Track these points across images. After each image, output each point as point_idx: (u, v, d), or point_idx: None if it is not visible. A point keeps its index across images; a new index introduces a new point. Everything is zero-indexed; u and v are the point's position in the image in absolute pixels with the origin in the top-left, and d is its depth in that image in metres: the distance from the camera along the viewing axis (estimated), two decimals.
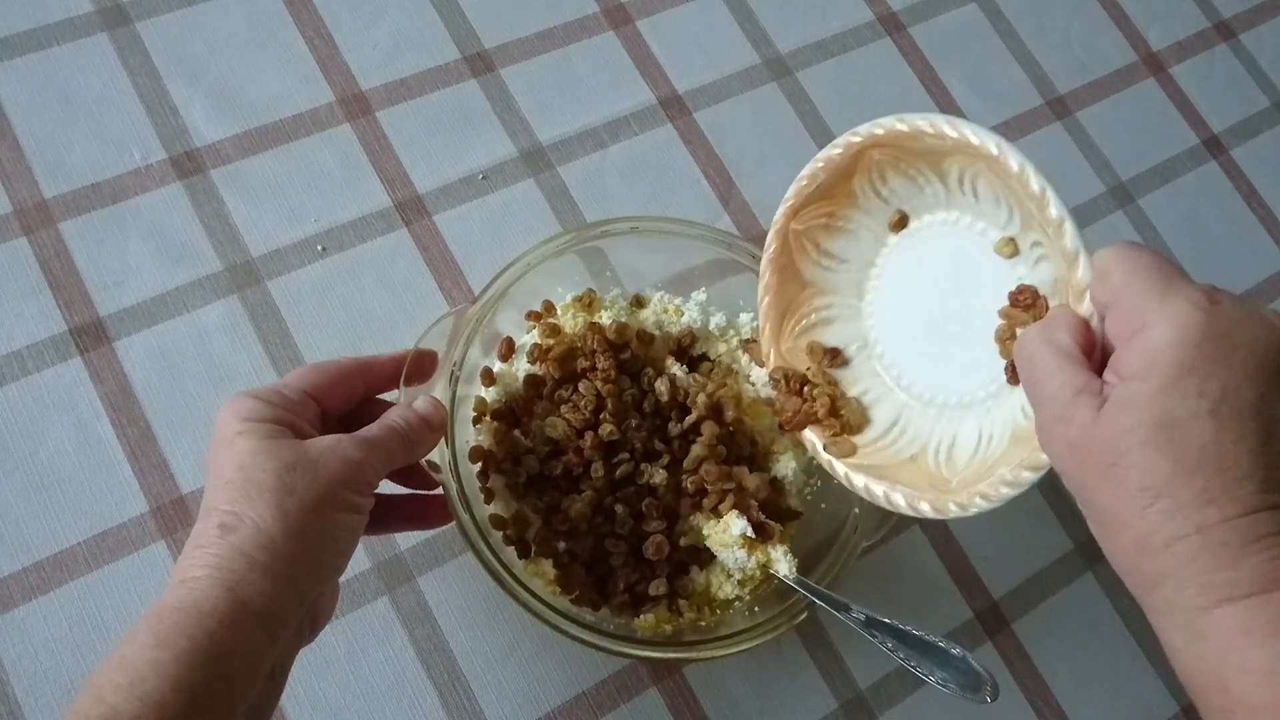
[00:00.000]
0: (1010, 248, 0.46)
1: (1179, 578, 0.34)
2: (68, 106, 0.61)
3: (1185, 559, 0.34)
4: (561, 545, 0.52)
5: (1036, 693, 0.60)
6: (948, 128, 0.44)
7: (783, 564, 0.52)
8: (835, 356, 0.53)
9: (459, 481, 0.51)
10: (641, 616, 0.53)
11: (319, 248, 0.62)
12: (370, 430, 0.45)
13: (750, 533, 0.52)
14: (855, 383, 0.52)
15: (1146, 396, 0.34)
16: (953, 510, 0.44)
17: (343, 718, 0.53)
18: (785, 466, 0.57)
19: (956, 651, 0.48)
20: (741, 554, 0.52)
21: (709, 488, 0.53)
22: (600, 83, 0.70)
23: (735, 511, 0.52)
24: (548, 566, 0.52)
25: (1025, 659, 0.61)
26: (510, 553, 0.53)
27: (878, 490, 0.48)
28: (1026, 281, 0.44)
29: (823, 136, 0.72)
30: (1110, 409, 0.35)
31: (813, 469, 0.59)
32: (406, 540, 0.56)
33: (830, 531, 0.55)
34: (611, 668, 0.56)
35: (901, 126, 0.46)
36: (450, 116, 0.67)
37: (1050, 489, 0.66)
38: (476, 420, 0.56)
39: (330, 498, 0.41)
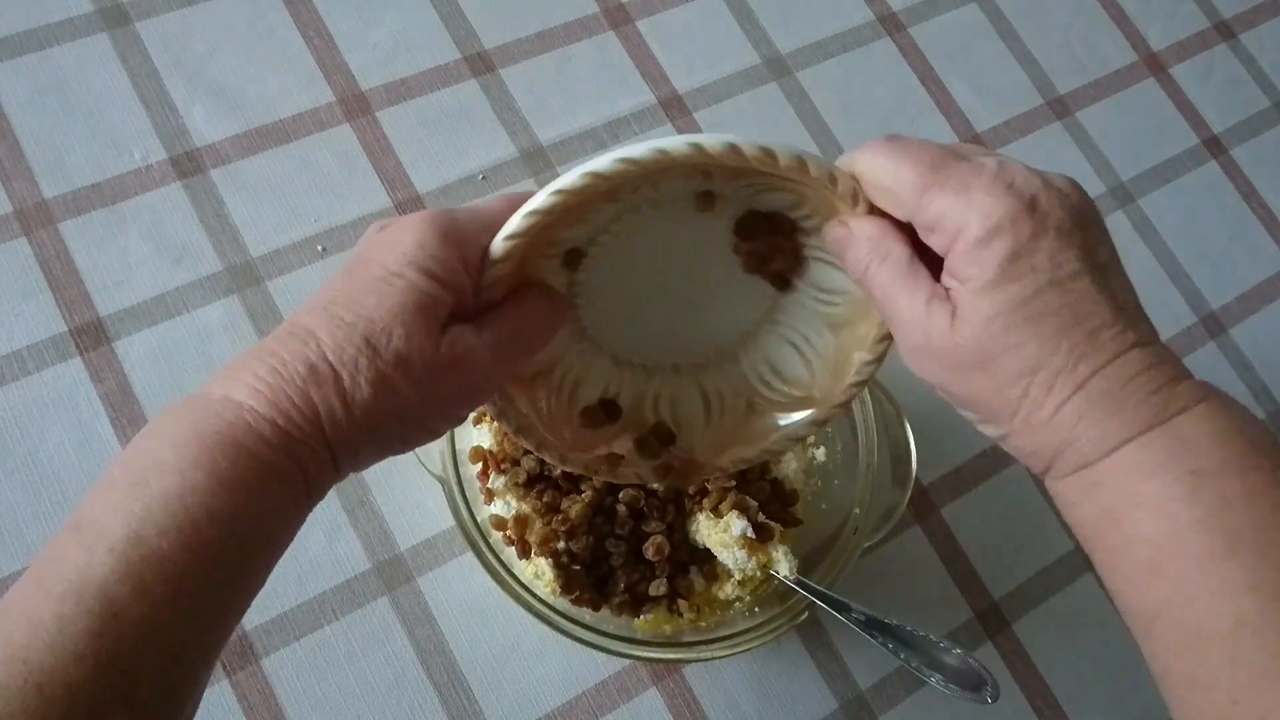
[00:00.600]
0: (705, 201, 0.41)
1: (1073, 442, 0.35)
2: (68, 106, 0.61)
3: (1074, 420, 0.35)
4: (561, 545, 0.52)
5: (1036, 693, 0.60)
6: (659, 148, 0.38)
7: (783, 564, 0.52)
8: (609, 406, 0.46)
9: (459, 482, 0.51)
10: (641, 616, 0.53)
11: (319, 248, 0.62)
12: (495, 326, 0.38)
13: (750, 533, 0.52)
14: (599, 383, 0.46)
15: (990, 289, 0.35)
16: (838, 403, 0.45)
17: (343, 718, 0.53)
18: (786, 467, 0.57)
19: (957, 651, 0.48)
20: (742, 554, 0.52)
21: (709, 487, 0.53)
22: (600, 83, 0.70)
23: (735, 511, 0.52)
24: (547, 566, 0.52)
25: (1025, 659, 0.61)
26: (510, 553, 0.53)
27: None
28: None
29: (823, 136, 0.72)
30: (963, 311, 0.36)
31: (813, 469, 0.59)
32: (406, 540, 0.56)
33: (830, 532, 0.55)
34: (611, 668, 0.56)
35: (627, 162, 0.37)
36: (450, 116, 0.67)
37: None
38: (477, 421, 0.56)
39: (449, 414, 0.38)
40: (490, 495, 0.54)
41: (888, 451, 0.56)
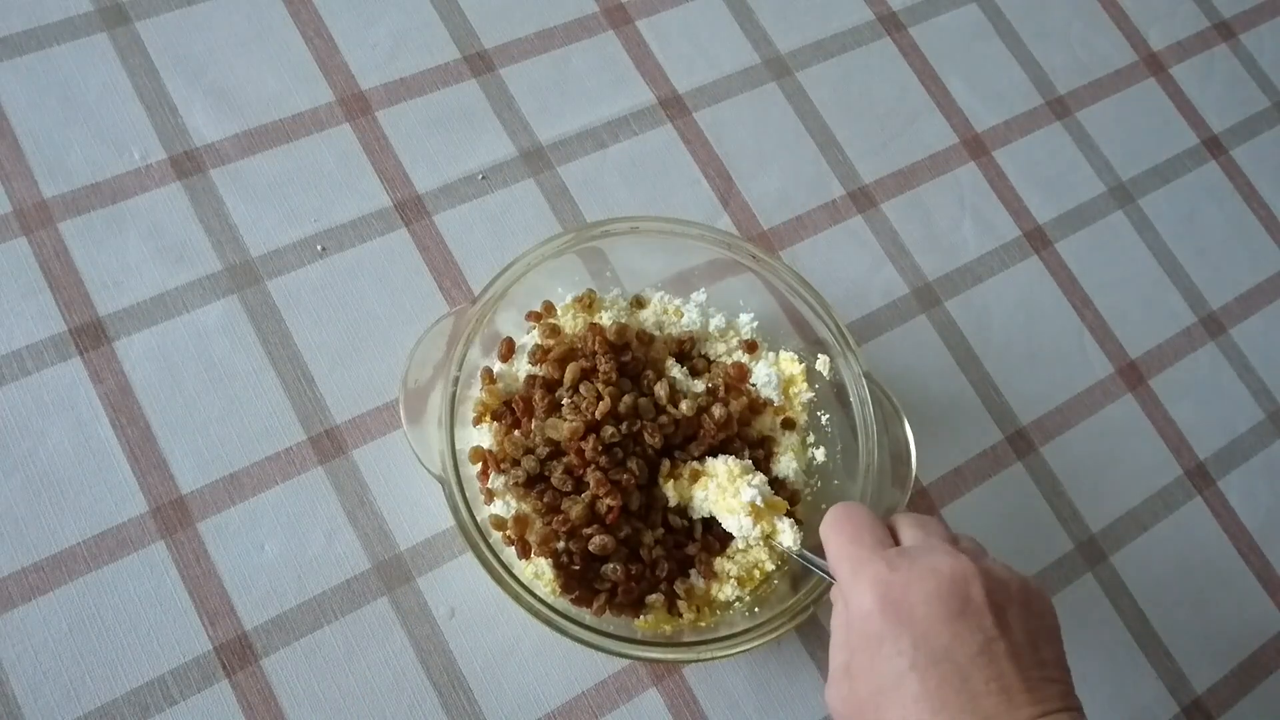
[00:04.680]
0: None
1: None
2: (68, 106, 0.61)
3: None
4: (561, 545, 0.52)
5: None
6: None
7: (788, 535, 0.52)
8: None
9: (459, 482, 0.51)
10: (641, 616, 0.53)
11: (319, 248, 0.62)
12: None
13: (760, 500, 0.51)
14: None
15: (866, 668, 0.40)
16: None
17: (343, 718, 0.53)
18: (786, 467, 0.57)
19: None
20: (748, 521, 0.52)
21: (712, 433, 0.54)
22: (600, 83, 0.70)
23: (746, 479, 0.52)
24: (547, 566, 0.52)
25: None
26: (510, 553, 0.53)
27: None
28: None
29: (823, 136, 0.72)
30: (853, 681, 0.41)
31: (813, 469, 0.59)
32: (406, 540, 0.56)
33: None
34: (611, 668, 0.56)
35: None
36: (450, 116, 0.67)
37: (1050, 490, 0.66)
38: (477, 420, 0.56)
39: None
40: (490, 495, 0.54)
41: (888, 451, 0.56)
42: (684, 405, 0.54)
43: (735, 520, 0.52)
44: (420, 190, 0.64)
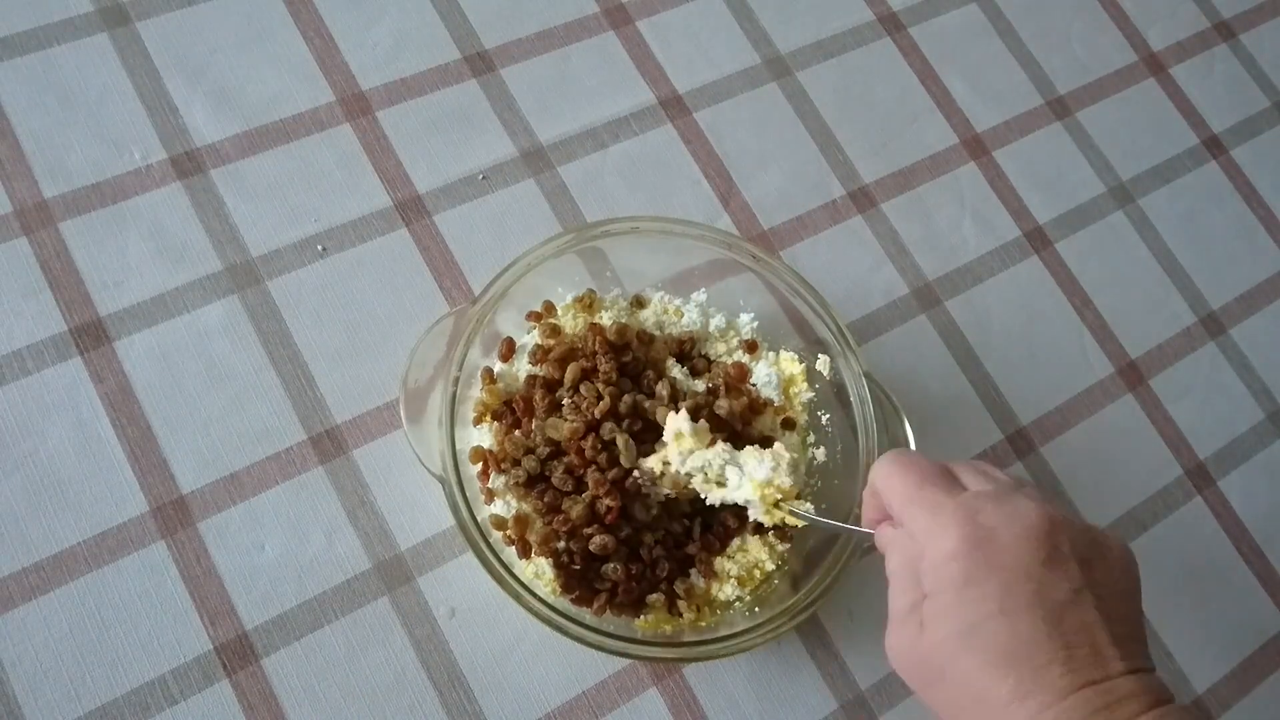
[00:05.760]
0: None
1: None
2: (68, 106, 0.61)
3: None
4: (561, 545, 0.52)
5: None
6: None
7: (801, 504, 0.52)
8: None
9: (459, 482, 0.51)
10: (641, 616, 0.53)
11: (319, 248, 0.62)
12: None
13: (771, 470, 0.51)
14: None
15: (945, 610, 0.38)
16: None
17: (343, 718, 0.53)
18: None
19: None
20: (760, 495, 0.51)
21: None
22: (600, 83, 0.70)
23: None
24: (547, 566, 0.52)
25: None
26: (510, 553, 0.53)
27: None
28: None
29: (823, 136, 0.72)
30: (926, 625, 0.39)
31: (813, 469, 0.59)
32: (406, 540, 0.56)
33: (830, 532, 0.55)
34: (611, 668, 0.56)
35: None
36: (450, 116, 0.67)
37: (1053, 492, 0.66)
38: (477, 420, 0.56)
39: None
40: (490, 495, 0.54)
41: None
42: (687, 404, 0.54)
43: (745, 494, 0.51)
44: (420, 190, 0.64)
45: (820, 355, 0.59)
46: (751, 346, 0.60)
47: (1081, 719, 0.35)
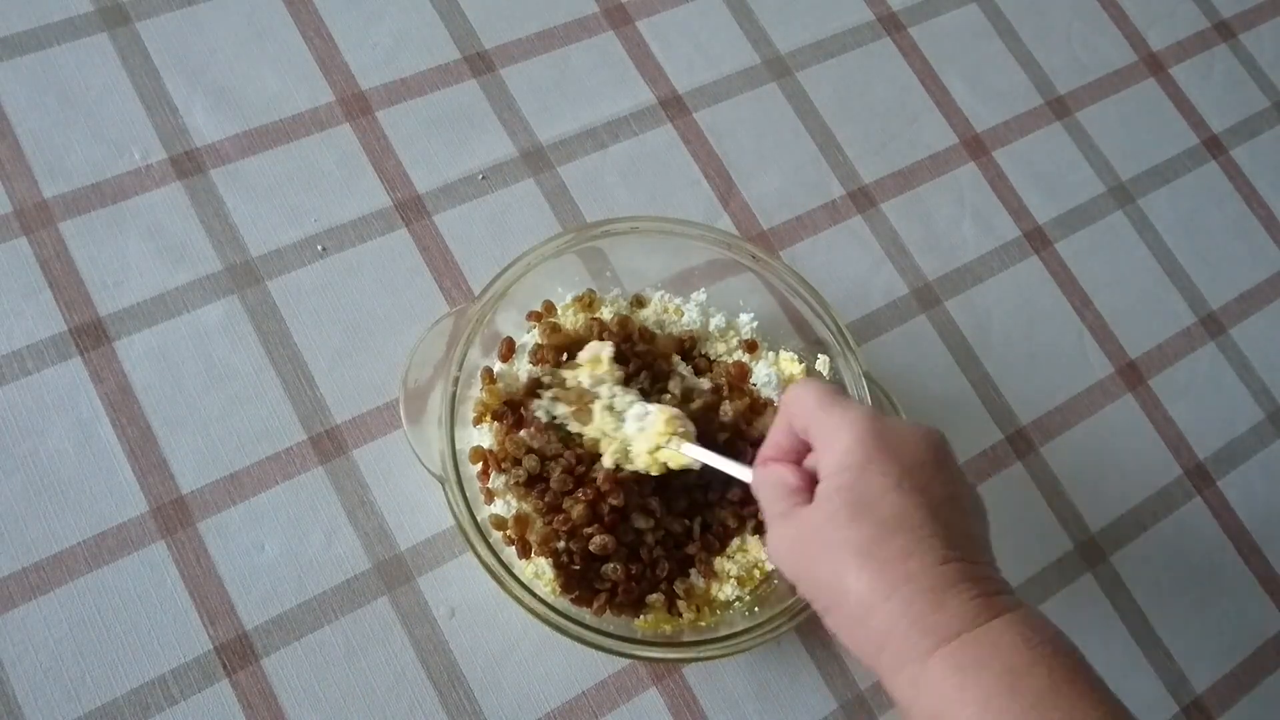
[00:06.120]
0: None
1: (899, 631, 0.39)
2: (67, 106, 0.61)
3: (900, 609, 0.39)
4: (561, 545, 0.52)
5: None
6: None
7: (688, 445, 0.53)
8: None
9: (459, 482, 0.51)
10: (641, 616, 0.53)
11: (319, 248, 0.62)
12: None
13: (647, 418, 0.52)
14: None
15: (843, 485, 0.42)
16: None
17: (342, 718, 0.53)
18: None
19: None
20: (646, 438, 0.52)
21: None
22: (600, 83, 0.70)
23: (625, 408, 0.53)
24: (547, 566, 0.52)
25: None
26: (510, 553, 0.53)
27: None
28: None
29: (823, 136, 0.72)
30: (817, 501, 0.43)
31: None
32: (406, 540, 0.56)
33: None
34: (611, 668, 0.56)
35: None
36: (450, 116, 0.67)
37: (1050, 490, 0.66)
38: (477, 420, 0.56)
39: None
40: (490, 495, 0.54)
41: None
42: (696, 403, 0.55)
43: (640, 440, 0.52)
44: (420, 190, 0.64)
45: (820, 355, 0.59)
46: (751, 346, 0.60)
47: (949, 585, 0.39)
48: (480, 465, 0.55)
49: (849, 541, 0.41)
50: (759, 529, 0.55)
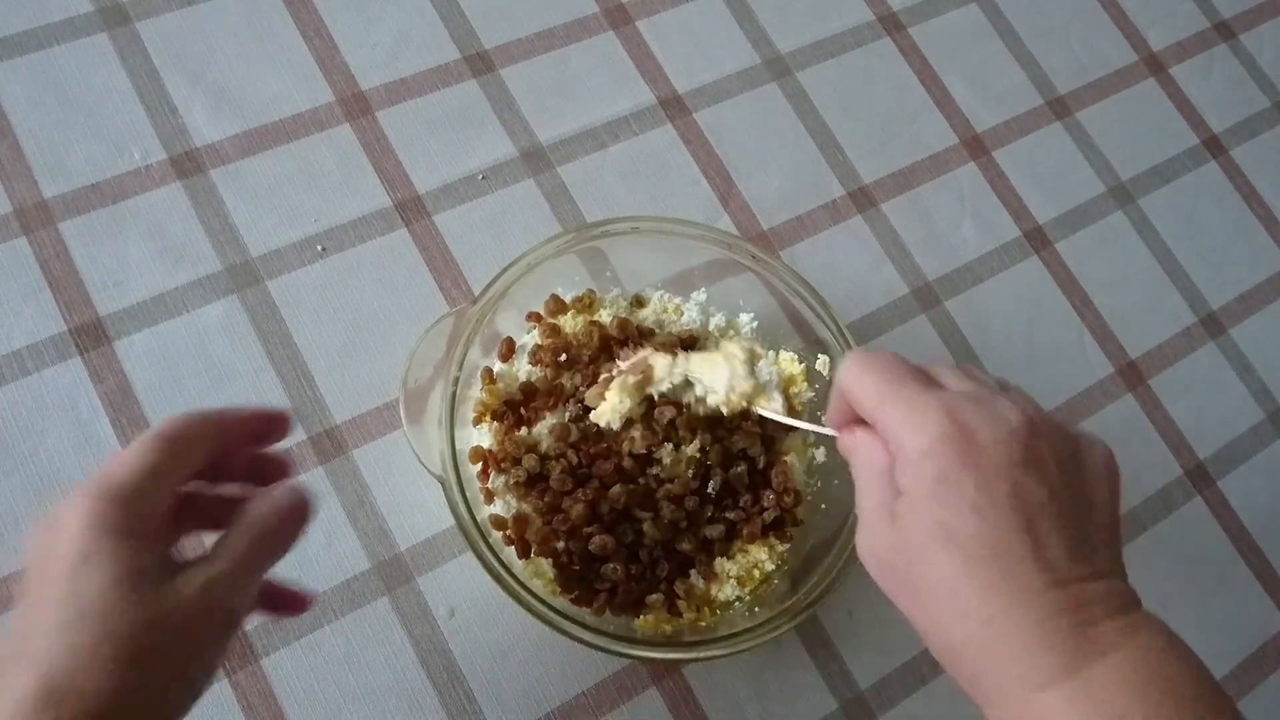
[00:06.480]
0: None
1: (992, 667, 0.36)
2: (67, 106, 0.61)
3: (992, 647, 0.35)
4: (561, 545, 0.52)
5: None
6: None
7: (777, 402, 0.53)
8: None
9: (459, 482, 0.51)
10: (641, 616, 0.53)
11: (319, 248, 0.62)
12: (232, 546, 0.39)
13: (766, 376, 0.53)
14: None
15: (918, 506, 0.37)
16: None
17: (342, 718, 0.53)
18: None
19: None
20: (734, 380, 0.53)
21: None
22: (600, 83, 0.70)
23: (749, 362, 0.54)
24: (547, 566, 0.52)
25: None
26: (510, 553, 0.53)
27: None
28: None
29: (823, 136, 0.72)
30: (899, 522, 0.38)
31: (813, 470, 0.59)
32: (406, 540, 0.56)
33: (830, 532, 0.55)
34: (611, 668, 0.56)
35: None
36: (450, 116, 0.67)
37: None
38: (477, 420, 0.56)
39: (193, 657, 0.37)
40: (490, 495, 0.54)
41: None
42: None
43: (726, 373, 0.53)
44: (420, 190, 0.64)
45: (820, 355, 0.59)
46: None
47: (1049, 618, 0.35)
48: (480, 465, 0.55)
49: (931, 572, 0.37)
50: (756, 534, 0.55)
